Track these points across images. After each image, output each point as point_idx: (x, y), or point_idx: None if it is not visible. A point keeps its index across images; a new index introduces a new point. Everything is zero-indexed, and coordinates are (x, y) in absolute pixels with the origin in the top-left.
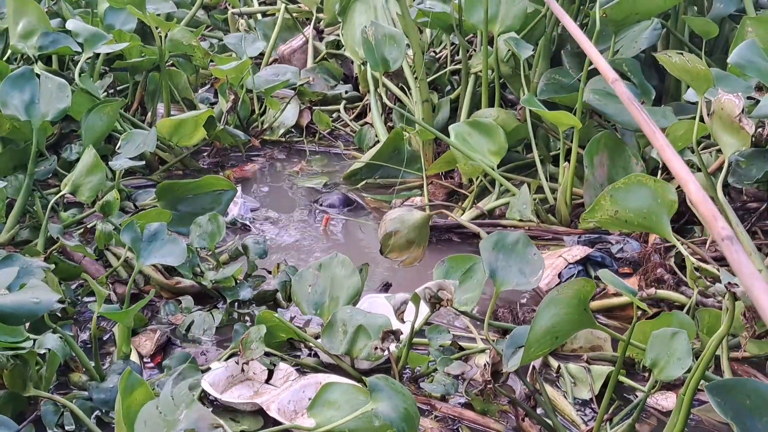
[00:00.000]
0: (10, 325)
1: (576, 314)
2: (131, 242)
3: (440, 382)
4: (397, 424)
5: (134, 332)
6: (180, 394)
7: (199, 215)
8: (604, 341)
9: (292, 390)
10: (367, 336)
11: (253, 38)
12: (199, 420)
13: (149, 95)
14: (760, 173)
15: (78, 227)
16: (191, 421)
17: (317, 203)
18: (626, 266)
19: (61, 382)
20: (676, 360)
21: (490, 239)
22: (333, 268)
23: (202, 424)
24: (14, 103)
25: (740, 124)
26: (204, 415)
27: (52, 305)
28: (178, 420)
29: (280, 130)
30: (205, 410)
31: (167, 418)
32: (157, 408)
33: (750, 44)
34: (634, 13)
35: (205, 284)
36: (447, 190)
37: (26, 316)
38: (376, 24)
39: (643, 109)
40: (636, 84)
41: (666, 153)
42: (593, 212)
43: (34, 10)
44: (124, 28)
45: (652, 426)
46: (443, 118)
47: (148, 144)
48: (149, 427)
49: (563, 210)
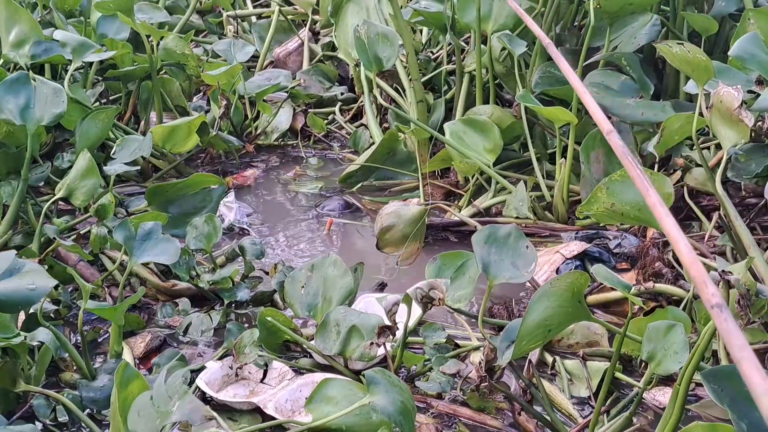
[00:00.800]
0: (5, 312)
1: (569, 306)
2: (124, 240)
3: (436, 381)
4: (394, 417)
5: (132, 333)
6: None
7: (191, 215)
8: (601, 337)
9: (289, 389)
10: (361, 336)
11: (243, 43)
12: (193, 411)
13: (142, 104)
14: (759, 168)
15: (71, 233)
16: (184, 412)
17: (317, 208)
18: (624, 261)
19: (51, 382)
20: (673, 354)
21: (482, 233)
22: (325, 269)
23: (195, 416)
24: (9, 107)
25: (739, 117)
26: (197, 407)
27: (49, 290)
28: (171, 411)
29: (274, 135)
30: (198, 401)
31: (160, 409)
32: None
33: (751, 37)
34: (627, 4)
35: (202, 286)
36: (444, 191)
37: (21, 302)
38: (369, 23)
39: (637, 164)
40: (635, 79)
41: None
42: (589, 205)
43: (26, 19)
44: (116, 37)
45: (649, 420)
46: (438, 118)
47: (144, 149)
48: (142, 417)
49: (560, 207)
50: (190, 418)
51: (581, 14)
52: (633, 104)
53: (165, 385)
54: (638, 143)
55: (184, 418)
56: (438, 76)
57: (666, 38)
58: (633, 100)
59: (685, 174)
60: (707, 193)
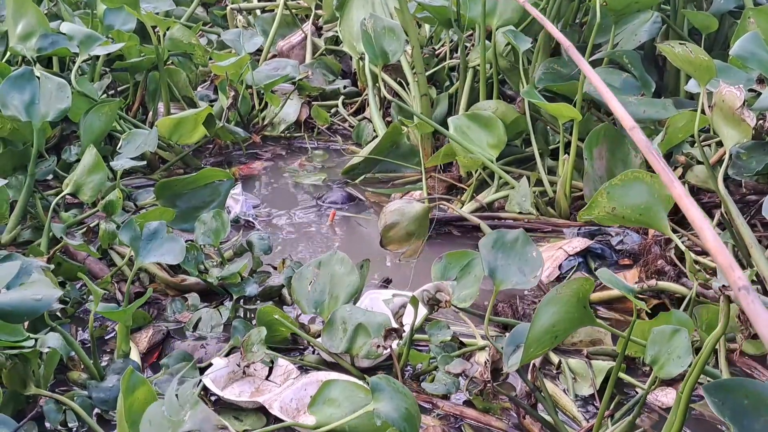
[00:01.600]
0: (11, 323)
1: (575, 312)
2: (130, 241)
3: (441, 381)
4: (398, 424)
5: (138, 329)
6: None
7: (200, 209)
8: (605, 335)
9: (294, 388)
10: (367, 334)
11: (251, 34)
12: (204, 421)
13: (150, 95)
14: (760, 166)
15: (80, 227)
16: (196, 421)
17: (320, 200)
18: (626, 258)
19: (60, 380)
20: (676, 358)
21: (489, 238)
22: (332, 266)
23: (206, 425)
24: (14, 103)
25: (741, 117)
26: (209, 416)
27: (54, 302)
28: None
29: (281, 126)
30: (209, 411)
31: (172, 418)
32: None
33: (752, 36)
34: (634, 2)
35: (211, 281)
36: (446, 184)
37: (27, 313)
38: (375, 16)
39: (661, 157)
40: (636, 76)
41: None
42: (591, 209)
43: (33, 11)
44: (123, 29)
45: (653, 421)
46: (441, 112)
47: (149, 144)
48: (154, 427)
49: (563, 202)
50: (201, 428)
51: (582, 11)
52: (635, 102)
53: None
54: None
55: (195, 427)
56: (441, 71)
57: (666, 35)
58: (634, 98)
59: (686, 171)
60: (708, 191)
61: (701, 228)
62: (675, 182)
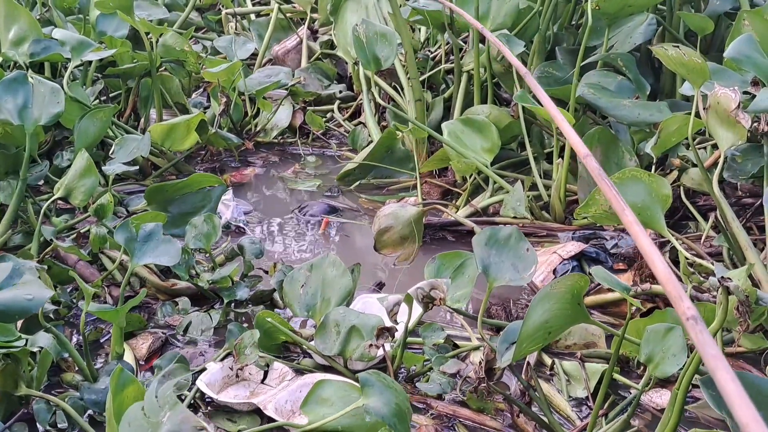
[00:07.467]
0: (3, 322)
1: (569, 309)
2: (125, 242)
3: (436, 381)
4: (388, 419)
5: (132, 335)
6: (164, 395)
7: (191, 215)
8: (599, 338)
9: (289, 390)
10: (360, 336)
11: (244, 40)
12: (183, 422)
13: (142, 101)
14: (755, 168)
15: (70, 232)
16: (175, 422)
17: (300, 212)
18: (621, 262)
19: (53, 383)
20: (671, 356)
21: (482, 235)
22: (324, 269)
23: (185, 427)
24: (7, 107)
25: (736, 119)
26: (187, 417)
27: (46, 301)
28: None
29: (274, 132)
30: (188, 412)
31: (151, 419)
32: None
33: (746, 38)
34: (627, 5)
35: (202, 285)
36: (441, 189)
37: (19, 312)
38: (367, 22)
39: (613, 185)
40: (631, 79)
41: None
42: (587, 207)
43: (26, 17)
44: (116, 35)
45: (646, 422)
46: (436, 117)
47: (142, 149)
48: (133, 428)
49: (557, 206)
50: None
51: (579, 13)
52: (629, 105)
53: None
54: (635, 143)
55: (174, 428)
56: (436, 75)
57: (662, 38)
58: (629, 101)
59: (681, 174)
60: (704, 194)
61: (650, 256)
62: (626, 210)
